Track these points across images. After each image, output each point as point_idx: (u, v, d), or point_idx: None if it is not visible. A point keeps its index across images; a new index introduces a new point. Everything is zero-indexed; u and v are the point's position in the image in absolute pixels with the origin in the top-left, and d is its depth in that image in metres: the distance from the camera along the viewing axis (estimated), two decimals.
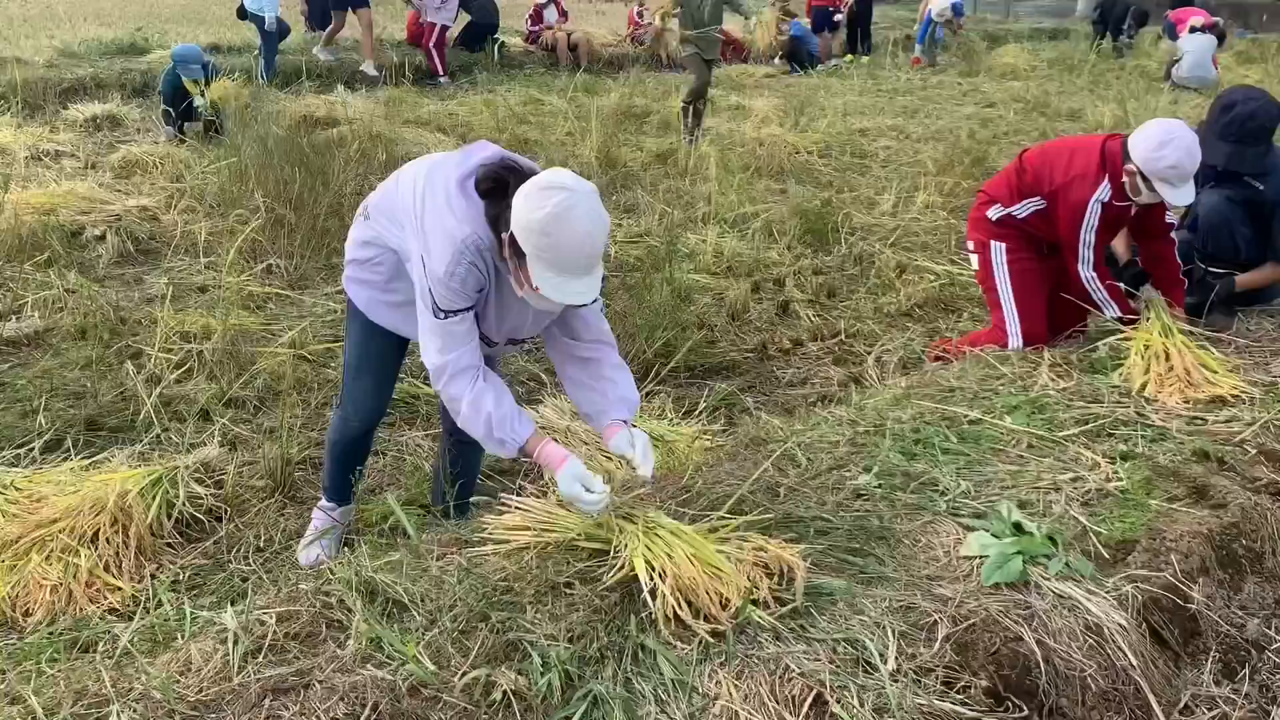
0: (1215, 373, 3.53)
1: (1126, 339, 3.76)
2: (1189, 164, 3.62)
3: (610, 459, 3.51)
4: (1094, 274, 3.89)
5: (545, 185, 2.28)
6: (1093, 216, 3.80)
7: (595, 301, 2.59)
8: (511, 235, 2.34)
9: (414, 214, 2.53)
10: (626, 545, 2.36)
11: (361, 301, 2.85)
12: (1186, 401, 3.40)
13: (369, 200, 2.82)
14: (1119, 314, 3.94)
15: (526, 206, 2.28)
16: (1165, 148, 3.60)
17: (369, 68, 11.86)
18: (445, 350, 2.50)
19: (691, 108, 9.30)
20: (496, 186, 2.41)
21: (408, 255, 2.62)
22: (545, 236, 2.26)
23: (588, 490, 2.42)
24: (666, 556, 2.28)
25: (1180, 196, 3.69)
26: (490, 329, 2.65)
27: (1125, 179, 3.73)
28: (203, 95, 8.15)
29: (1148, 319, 3.76)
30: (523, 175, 2.42)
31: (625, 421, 2.61)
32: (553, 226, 2.25)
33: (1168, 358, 3.56)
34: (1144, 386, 3.50)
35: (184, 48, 8.37)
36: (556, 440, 2.70)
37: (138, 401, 4.05)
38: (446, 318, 2.47)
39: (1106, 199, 3.77)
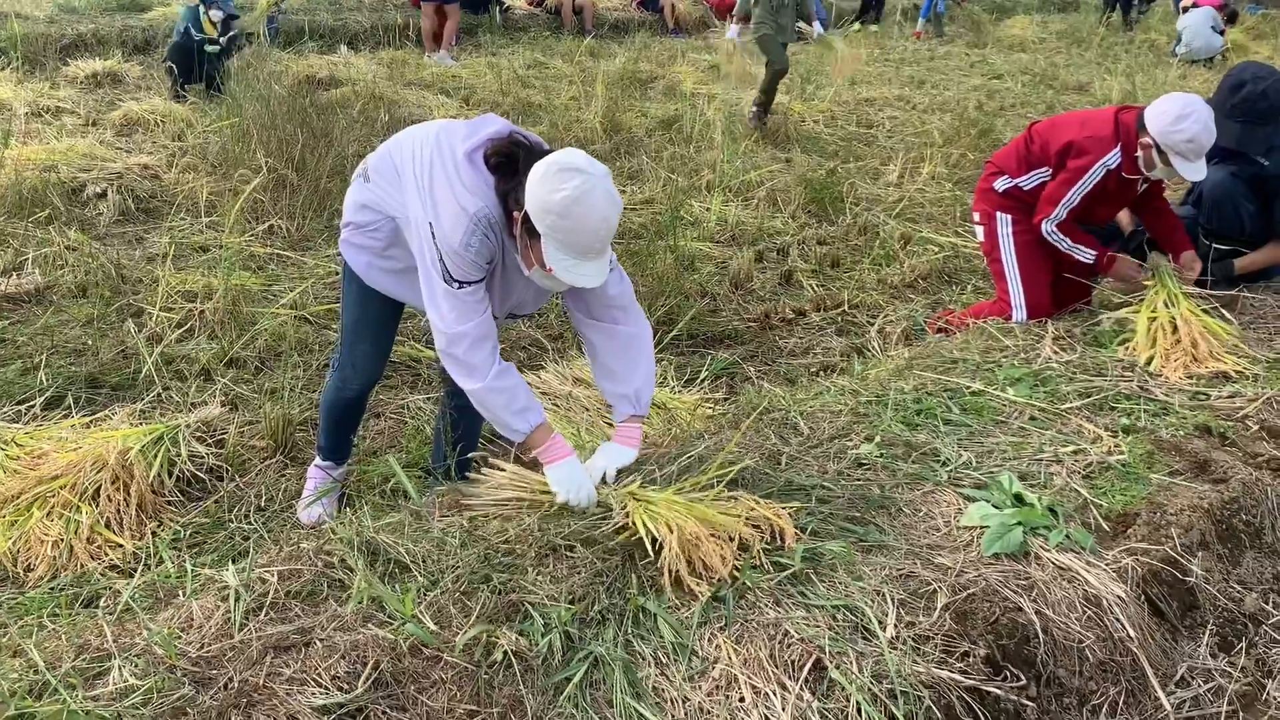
0: (1223, 340, 3.52)
1: (1134, 311, 3.75)
2: (1206, 139, 3.60)
3: (613, 425, 3.52)
4: (1054, 227, 3.89)
5: (562, 167, 2.27)
6: (1092, 179, 3.78)
7: (612, 270, 2.59)
8: (525, 214, 2.33)
9: (419, 181, 2.51)
10: (625, 507, 2.39)
11: (359, 266, 2.82)
12: (1190, 377, 3.39)
13: (369, 161, 2.78)
14: (1093, 256, 3.91)
15: (544, 188, 2.27)
16: (1183, 121, 3.58)
17: (444, 58, 11.10)
18: (463, 319, 2.47)
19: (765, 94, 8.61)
20: (506, 161, 2.40)
21: (407, 221, 2.59)
22: (563, 219, 2.26)
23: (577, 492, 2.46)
24: (665, 516, 2.30)
25: (1194, 171, 3.67)
26: (494, 304, 2.63)
27: (1140, 152, 3.71)
28: (218, 42, 8.00)
29: (1154, 289, 3.75)
30: (532, 151, 2.41)
31: (634, 416, 2.67)
32: (571, 209, 2.25)
33: (1174, 329, 3.55)
34: (1150, 361, 3.49)
35: None
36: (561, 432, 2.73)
37: (139, 360, 4.05)
38: (460, 288, 2.45)
39: (1114, 166, 3.75)
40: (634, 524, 2.34)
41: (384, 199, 2.69)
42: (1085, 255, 3.92)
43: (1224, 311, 3.69)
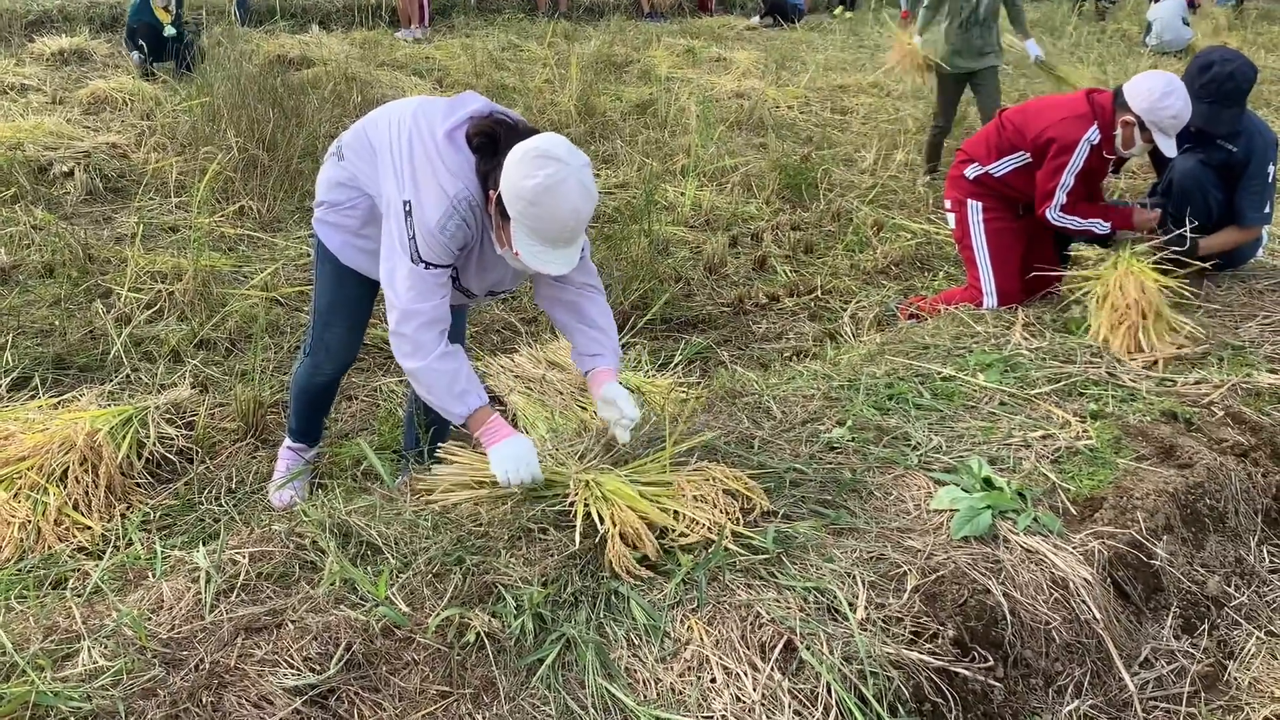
0: (1174, 291, 3.61)
1: (1086, 279, 3.82)
2: (1187, 114, 3.74)
3: (586, 409, 3.52)
4: (1059, 211, 3.93)
5: (539, 153, 2.25)
6: (1079, 158, 3.83)
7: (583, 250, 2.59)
8: (499, 195, 2.31)
9: (396, 158, 2.47)
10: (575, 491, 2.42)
11: (334, 244, 2.78)
12: (1141, 351, 3.45)
13: (342, 139, 2.74)
14: (1108, 225, 3.97)
15: (518, 173, 2.25)
16: (1169, 97, 3.68)
17: (407, 34, 11.09)
18: (420, 298, 2.44)
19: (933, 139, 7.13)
20: (488, 141, 2.38)
21: (382, 197, 2.55)
22: (533, 206, 2.25)
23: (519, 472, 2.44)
24: (611, 502, 2.34)
25: (1171, 148, 3.80)
26: (471, 282, 2.62)
27: (1119, 129, 3.78)
28: (174, 25, 7.96)
29: (1111, 261, 3.81)
30: (514, 131, 2.39)
31: (614, 369, 2.65)
32: (542, 197, 2.23)
33: (1122, 290, 3.61)
34: (1098, 330, 3.58)
35: None
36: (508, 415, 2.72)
37: (107, 341, 4.01)
38: (426, 268, 2.43)
39: (1096, 142, 3.81)
40: (576, 511, 2.35)
41: (359, 176, 2.65)
42: (1101, 227, 3.98)
43: (1174, 284, 3.74)
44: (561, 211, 2.26)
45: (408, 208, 2.41)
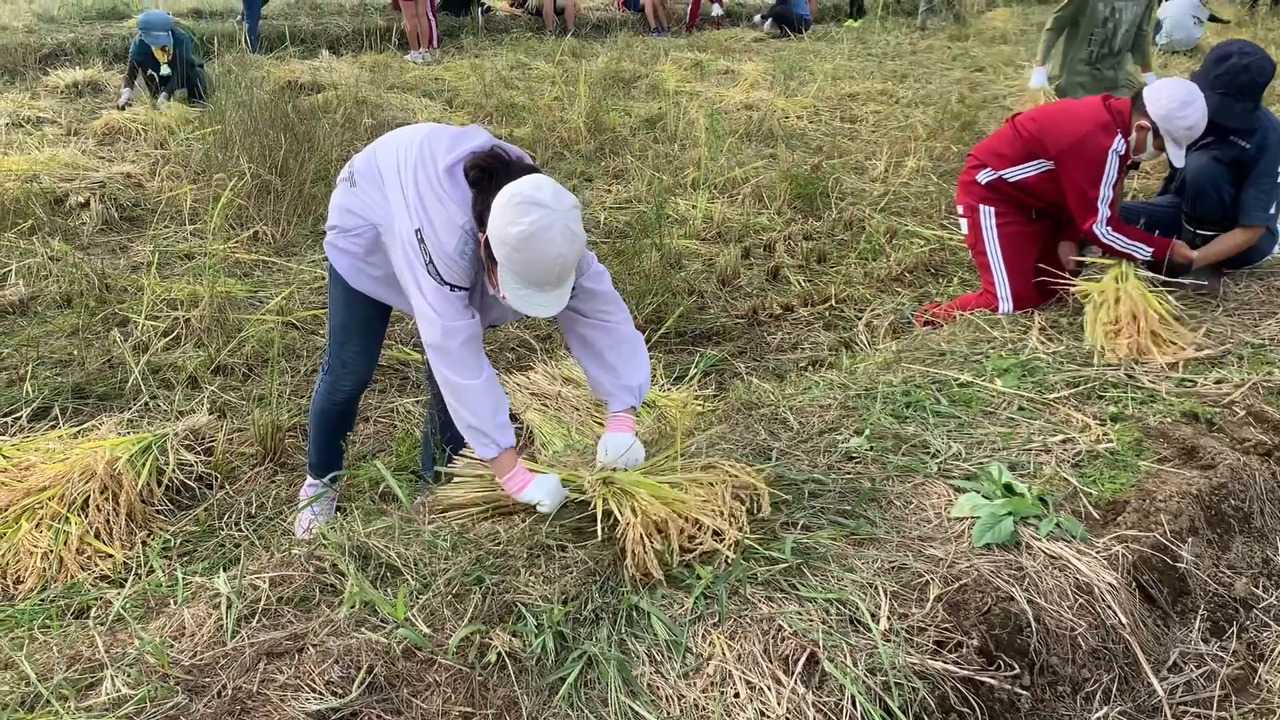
0: (1163, 318, 3.57)
1: (1092, 289, 3.80)
2: (1202, 127, 3.72)
3: (602, 424, 3.51)
4: (1109, 228, 3.87)
5: (524, 199, 2.25)
6: (1112, 168, 3.80)
7: (589, 272, 2.59)
8: (487, 239, 2.32)
9: (404, 186, 2.49)
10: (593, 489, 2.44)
11: (343, 268, 2.81)
12: (1137, 358, 3.43)
13: (355, 164, 2.76)
14: (1150, 251, 3.90)
15: (503, 219, 2.25)
16: (1188, 107, 3.66)
17: (417, 56, 11.23)
18: (458, 315, 2.45)
19: None
20: (483, 176, 2.39)
21: (390, 229, 2.57)
22: (518, 252, 2.25)
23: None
24: (628, 496, 2.36)
25: (1180, 157, 3.79)
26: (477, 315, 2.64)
27: (1134, 134, 3.75)
28: (170, 65, 8.07)
29: (1112, 275, 3.79)
30: (509, 167, 2.40)
31: (633, 408, 2.66)
32: (526, 244, 2.23)
33: (1117, 302, 3.60)
34: (1096, 338, 3.56)
35: (150, 14, 8.23)
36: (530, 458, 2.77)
37: (125, 369, 4.03)
38: (451, 290, 2.44)
39: (1123, 152, 3.79)
40: (595, 507, 2.37)
41: (368, 205, 2.67)
42: (1144, 252, 3.90)
43: (1170, 300, 3.72)
44: (547, 258, 2.25)
45: (420, 235, 2.42)
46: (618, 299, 2.68)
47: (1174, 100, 3.67)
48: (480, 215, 2.39)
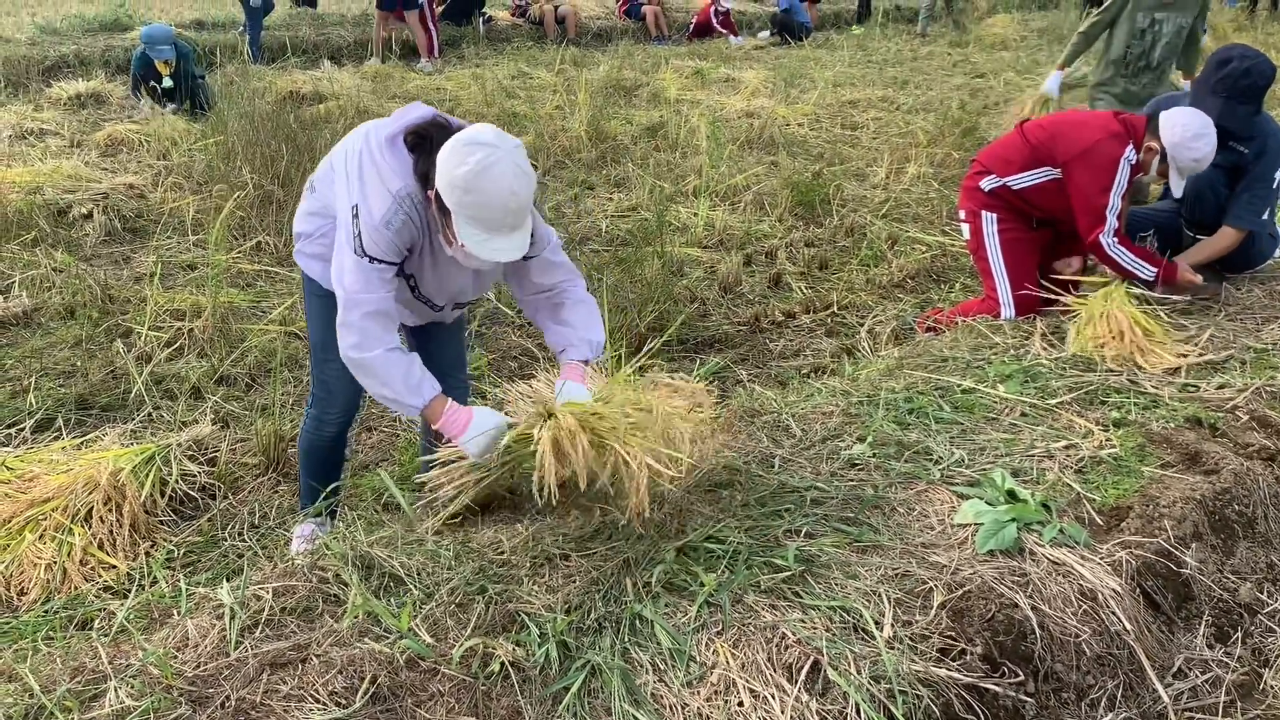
0: (1152, 334, 3.57)
1: (1079, 306, 3.81)
2: (1207, 162, 3.73)
3: None
4: (1114, 240, 3.86)
5: (467, 141, 2.26)
6: (1123, 177, 3.79)
7: (549, 246, 2.61)
8: (437, 192, 2.32)
9: (349, 172, 2.49)
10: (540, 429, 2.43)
11: (316, 273, 2.77)
12: (1126, 356, 3.45)
13: (314, 175, 2.77)
14: (1154, 272, 3.88)
15: (449, 163, 2.26)
16: (1200, 140, 3.67)
17: (423, 66, 11.30)
18: (366, 289, 2.42)
19: None
20: (422, 141, 2.40)
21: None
22: (468, 193, 2.25)
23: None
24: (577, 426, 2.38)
25: (1179, 188, 3.82)
26: (432, 291, 2.64)
27: (1143, 152, 3.77)
28: (172, 78, 8.10)
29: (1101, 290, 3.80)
30: (447, 131, 2.40)
31: (585, 361, 2.66)
32: (475, 183, 2.23)
33: (1104, 318, 3.61)
34: (1083, 348, 3.57)
35: (152, 28, 8.29)
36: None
37: (128, 380, 4.04)
38: (371, 262, 2.42)
39: (1135, 161, 3.79)
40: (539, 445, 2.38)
41: (326, 203, 2.67)
42: (1148, 272, 3.88)
43: (1162, 315, 3.73)
44: (499, 194, 2.25)
45: (355, 211, 2.42)
46: (573, 267, 2.72)
47: (1188, 131, 3.67)
48: (425, 175, 2.38)
